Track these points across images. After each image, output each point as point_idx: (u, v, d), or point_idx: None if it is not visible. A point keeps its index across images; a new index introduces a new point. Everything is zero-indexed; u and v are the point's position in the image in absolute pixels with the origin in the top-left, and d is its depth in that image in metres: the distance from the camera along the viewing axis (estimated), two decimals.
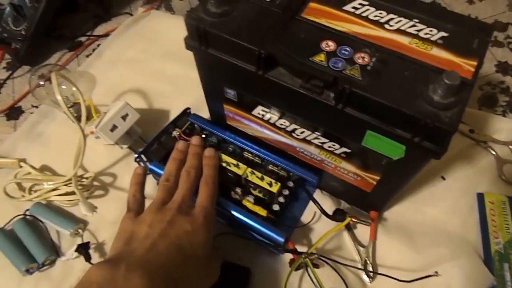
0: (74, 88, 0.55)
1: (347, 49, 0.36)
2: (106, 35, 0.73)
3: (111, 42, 0.71)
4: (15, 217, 0.53)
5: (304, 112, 0.41)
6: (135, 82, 0.66)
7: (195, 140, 0.51)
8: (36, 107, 0.65)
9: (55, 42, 0.72)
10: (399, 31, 0.37)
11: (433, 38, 0.36)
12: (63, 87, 0.56)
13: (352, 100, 0.35)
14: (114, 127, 0.53)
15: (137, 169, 0.48)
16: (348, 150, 0.42)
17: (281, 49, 0.36)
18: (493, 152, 0.56)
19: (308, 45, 0.36)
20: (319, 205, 0.49)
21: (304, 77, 0.36)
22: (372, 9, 0.39)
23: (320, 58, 0.35)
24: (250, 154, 0.54)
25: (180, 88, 0.64)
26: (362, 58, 0.35)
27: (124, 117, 0.54)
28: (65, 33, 0.74)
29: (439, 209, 0.53)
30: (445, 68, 0.34)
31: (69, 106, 0.58)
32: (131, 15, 0.76)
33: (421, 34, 0.37)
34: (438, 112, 0.32)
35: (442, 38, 0.36)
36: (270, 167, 0.53)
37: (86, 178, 0.54)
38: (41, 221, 0.53)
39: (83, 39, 0.73)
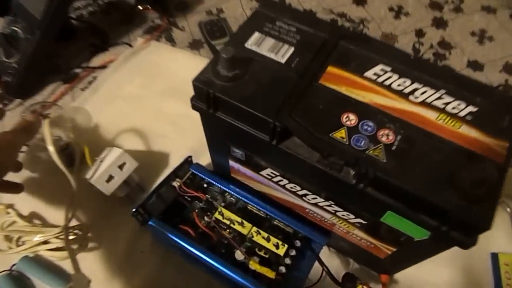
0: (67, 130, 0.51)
1: (370, 124, 0.33)
2: (103, 66, 0.69)
3: (108, 75, 0.67)
4: (1, 272, 0.49)
5: (318, 184, 0.38)
6: (133, 121, 0.62)
7: None
8: (27, 145, 0.61)
9: (48, 74, 0.68)
10: (424, 104, 0.34)
11: (461, 114, 0.34)
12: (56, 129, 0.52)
13: (374, 182, 0.32)
14: (110, 178, 0.50)
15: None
16: (364, 222, 0.39)
17: (298, 121, 0.33)
18: (508, 209, 0.54)
19: (328, 118, 0.33)
20: (328, 270, 0.46)
21: (322, 152, 0.33)
22: (395, 76, 0.36)
23: (341, 134, 0.33)
24: (254, 208, 0.51)
25: (181, 128, 0.61)
26: (386, 136, 0.32)
27: (121, 166, 0.51)
28: (59, 63, 0.71)
29: (452, 270, 0.50)
30: (476, 150, 0.31)
31: (60, 148, 0.54)
32: (130, 45, 0.72)
33: (448, 108, 0.34)
34: (469, 205, 0.29)
35: (470, 113, 0.34)
36: (275, 222, 0.50)
37: (79, 230, 0.50)
38: (27, 277, 0.49)
39: (78, 70, 0.69)
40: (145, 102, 0.64)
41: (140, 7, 0.76)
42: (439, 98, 0.35)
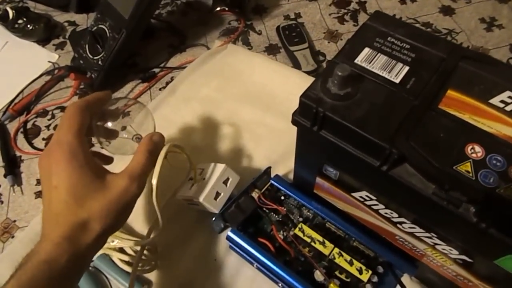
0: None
1: (499, 159, 0.30)
2: (180, 67, 0.70)
3: (185, 77, 0.67)
4: None
5: (425, 216, 0.35)
6: (209, 124, 0.62)
7: None
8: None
9: (128, 72, 0.70)
10: None
11: None
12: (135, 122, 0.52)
13: (500, 222, 0.29)
14: (217, 195, 0.49)
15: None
16: (469, 260, 0.36)
17: (416, 149, 0.31)
18: None
19: (450, 148, 0.31)
20: None
21: (441, 185, 0.31)
22: None
23: (466, 167, 0.30)
24: (333, 226, 0.49)
25: (257, 136, 0.60)
26: None
27: (225, 182, 0.50)
28: (138, 61, 0.72)
29: None
30: None
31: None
32: (207, 47, 0.73)
33: None
34: None
35: None
36: (355, 244, 0.48)
37: (152, 249, 0.50)
38: (105, 275, 0.50)
39: (156, 70, 0.70)
40: (221, 106, 0.64)
41: (218, 9, 0.76)
42: None
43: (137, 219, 0.54)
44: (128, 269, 0.49)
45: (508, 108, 0.32)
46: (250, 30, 0.74)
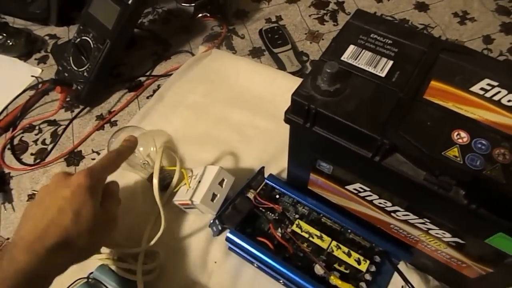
0: (152, 148, 0.52)
1: (484, 142, 0.32)
2: (166, 74, 0.70)
3: (172, 83, 0.68)
4: (79, 279, 0.50)
5: (418, 201, 0.37)
6: (199, 129, 0.63)
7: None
8: (98, 152, 0.63)
9: (114, 82, 0.70)
10: None
11: None
12: (140, 149, 0.53)
13: (489, 202, 0.30)
14: (214, 196, 0.49)
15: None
16: (462, 242, 0.38)
17: (406, 139, 0.32)
18: None
19: (437, 135, 0.32)
20: (412, 286, 0.44)
21: (432, 171, 0.32)
22: (504, 91, 0.34)
23: (454, 153, 0.31)
24: (328, 220, 0.51)
25: (247, 138, 0.61)
26: (502, 155, 0.31)
27: (221, 183, 0.50)
28: (123, 71, 0.72)
29: None
30: None
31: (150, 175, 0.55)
32: (191, 53, 0.73)
33: None
34: None
35: None
36: (351, 236, 0.49)
37: (152, 256, 0.51)
38: (106, 286, 0.50)
39: (142, 78, 0.70)
40: (209, 110, 0.64)
41: (199, 15, 0.77)
42: None
43: (134, 227, 0.54)
44: (129, 277, 0.48)
45: (488, 95, 0.34)
46: (233, 35, 0.75)
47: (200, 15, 0.77)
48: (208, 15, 0.77)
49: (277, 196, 0.53)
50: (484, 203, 0.31)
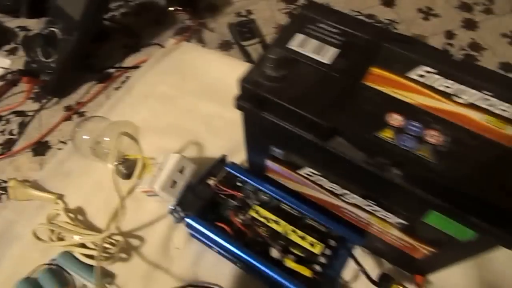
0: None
1: (416, 125, 0.33)
2: (136, 67, 0.71)
3: (141, 75, 0.69)
4: (41, 265, 0.51)
5: (360, 183, 0.38)
6: (167, 120, 0.64)
7: None
8: (64, 142, 0.63)
9: (82, 73, 0.70)
10: (470, 105, 0.34)
11: (506, 115, 0.34)
12: (106, 139, 0.54)
13: (420, 181, 0.32)
14: (174, 183, 0.51)
15: None
16: (404, 222, 0.39)
17: (345, 121, 0.34)
18: None
19: (373, 117, 0.34)
20: (365, 271, 0.46)
21: (368, 152, 0.34)
22: (439, 77, 0.36)
23: (388, 134, 0.33)
24: (287, 206, 0.52)
25: (214, 128, 0.62)
26: (433, 136, 0.33)
27: (181, 171, 0.52)
28: (93, 63, 0.73)
29: (490, 274, 0.50)
30: None
31: (118, 162, 0.56)
32: (161, 46, 0.74)
33: (494, 110, 0.34)
34: None
35: None
36: (309, 221, 0.51)
37: (114, 242, 0.51)
38: (67, 271, 0.50)
39: (112, 70, 0.71)
40: (177, 102, 0.65)
41: (171, 9, 0.78)
42: (484, 99, 0.35)
43: (97, 214, 0.55)
44: (90, 262, 0.49)
45: (423, 80, 0.36)
46: (204, 28, 0.76)
47: (171, 8, 0.78)
48: (180, 8, 0.78)
49: (239, 184, 0.54)
50: (416, 182, 0.33)
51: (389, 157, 0.33)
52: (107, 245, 0.51)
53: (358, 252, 0.51)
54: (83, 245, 0.51)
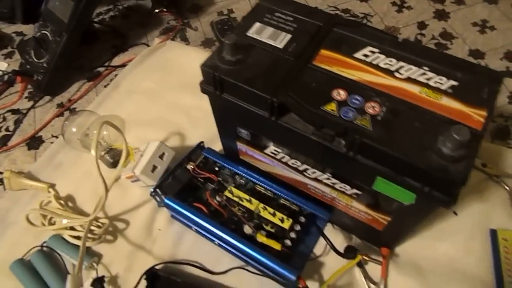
0: (105, 132, 0.57)
1: (358, 98, 0.37)
2: (123, 65, 0.75)
3: (128, 72, 0.73)
4: (34, 247, 0.55)
5: (315, 156, 0.42)
6: (151, 113, 0.68)
7: None
8: (56, 137, 0.67)
9: (74, 73, 0.75)
10: (409, 79, 0.38)
11: (443, 87, 0.37)
12: (94, 132, 0.58)
13: (362, 149, 0.36)
14: (154, 168, 0.55)
15: None
16: (359, 192, 0.43)
17: (293, 97, 0.37)
18: (507, 187, 0.56)
19: (320, 93, 0.37)
20: (330, 242, 0.49)
21: (316, 125, 0.37)
22: (383, 56, 0.40)
23: (331, 107, 0.36)
24: (262, 188, 0.55)
25: (195, 119, 0.66)
26: (372, 108, 0.36)
27: (161, 156, 0.56)
28: (83, 63, 0.77)
29: (451, 246, 0.52)
30: (455, 118, 0.35)
31: (104, 151, 0.60)
32: (147, 45, 0.78)
33: (431, 83, 0.37)
34: (447, 165, 0.32)
35: (452, 87, 0.37)
36: (282, 201, 0.54)
37: (100, 225, 0.55)
38: (58, 253, 0.54)
39: (101, 69, 0.75)
40: (161, 96, 0.69)
41: (156, 10, 0.82)
42: (422, 74, 0.38)
43: (86, 200, 0.59)
44: (78, 243, 0.53)
45: (368, 59, 0.40)
46: (187, 27, 0.81)
47: (157, 10, 0.82)
48: (165, 10, 0.82)
49: (217, 169, 0.58)
50: (359, 151, 0.36)
51: (334, 127, 0.36)
52: (93, 228, 0.54)
53: (329, 229, 0.55)
54: (72, 229, 0.55)
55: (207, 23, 0.81)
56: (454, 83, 0.37)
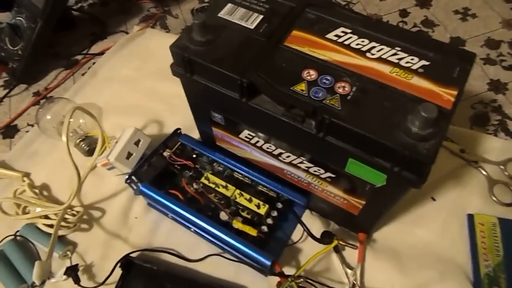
0: (81, 120, 0.55)
1: (328, 78, 0.36)
2: (102, 53, 0.74)
3: (106, 60, 0.72)
4: (6, 237, 0.53)
5: (287, 138, 0.41)
6: (129, 101, 0.66)
7: None
8: (32, 125, 0.66)
9: (51, 61, 0.73)
10: (380, 59, 0.37)
11: (414, 67, 0.37)
12: (71, 120, 0.56)
13: (332, 129, 0.35)
14: (129, 155, 0.54)
15: None
16: (333, 175, 0.42)
17: (263, 77, 0.37)
18: (484, 172, 0.56)
19: (290, 74, 0.37)
20: (306, 228, 0.49)
21: (286, 105, 0.37)
22: (355, 37, 0.39)
23: (301, 87, 0.36)
24: (240, 175, 0.55)
25: (173, 106, 0.65)
26: (342, 87, 0.36)
27: (137, 143, 0.55)
28: (61, 51, 0.76)
29: (428, 231, 0.52)
30: (425, 98, 0.34)
31: (79, 139, 0.59)
32: (127, 33, 0.77)
33: (402, 62, 0.37)
34: (416, 144, 0.32)
35: (423, 67, 0.37)
36: (260, 187, 0.54)
37: (75, 213, 0.54)
38: (31, 242, 0.53)
39: (79, 57, 0.74)
40: (139, 84, 0.68)
41: None
42: (394, 54, 0.38)
43: (61, 189, 0.58)
44: (51, 231, 0.52)
45: (340, 40, 0.39)
46: (168, 15, 0.79)
47: None
48: None
49: (195, 156, 0.57)
50: (329, 131, 0.36)
51: (303, 108, 0.36)
52: (68, 216, 0.53)
53: (307, 215, 0.54)
54: (46, 217, 0.54)
55: (188, 10, 0.79)
56: (426, 63, 0.37)
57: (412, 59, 0.37)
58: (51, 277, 0.50)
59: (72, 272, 0.48)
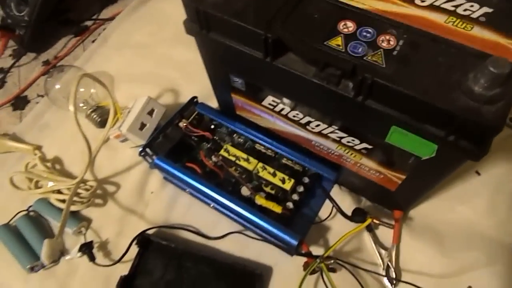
0: (92, 90, 0.51)
1: (369, 30, 0.30)
2: (112, 18, 0.69)
3: (117, 25, 0.67)
4: (19, 212, 0.51)
5: (318, 103, 0.36)
6: (142, 69, 0.62)
7: None
8: (42, 96, 0.63)
9: (60, 27, 0.69)
10: (432, 7, 0.31)
11: (474, 15, 0.30)
12: (81, 89, 0.53)
13: (374, 91, 0.30)
14: (142, 126, 0.50)
15: None
16: (370, 146, 0.37)
17: (291, 31, 0.31)
18: None
19: (323, 26, 0.31)
20: (336, 204, 0.44)
21: (318, 64, 0.31)
22: None
23: (337, 42, 0.30)
24: (262, 147, 0.50)
25: (189, 74, 0.60)
26: (387, 41, 0.30)
27: (150, 113, 0.51)
28: (70, 17, 0.71)
29: (472, 208, 0.47)
30: (489, 52, 0.28)
31: (90, 110, 0.55)
32: None
33: (459, 10, 0.31)
34: (480, 107, 0.26)
35: (485, 14, 0.30)
36: (284, 161, 0.49)
37: (88, 188, 0.51)
38: (44, 218, 0.51)
39: (89, 23, 0.69)
40: (153, 50, 0.64)
41: None
42: (449, 0, 0.31)
43: (74, 163, 0.55)
44: (63, 206, 0.49)
45: None
46: None
47: None
48: None
49: (213, 127, 0.53)
50: (370, 94, 0.30)
51: (340, 66, 0.30)
52: (81, 191, 0.50)
53: (336, 190, 0.50)
54: (59, 192, 0.52)
55: None
56: (488, 10, 0.30)
57: (471, 6, 0.31)
58: (66, 253, 0.48)
59: (87, 249, 0.46)
